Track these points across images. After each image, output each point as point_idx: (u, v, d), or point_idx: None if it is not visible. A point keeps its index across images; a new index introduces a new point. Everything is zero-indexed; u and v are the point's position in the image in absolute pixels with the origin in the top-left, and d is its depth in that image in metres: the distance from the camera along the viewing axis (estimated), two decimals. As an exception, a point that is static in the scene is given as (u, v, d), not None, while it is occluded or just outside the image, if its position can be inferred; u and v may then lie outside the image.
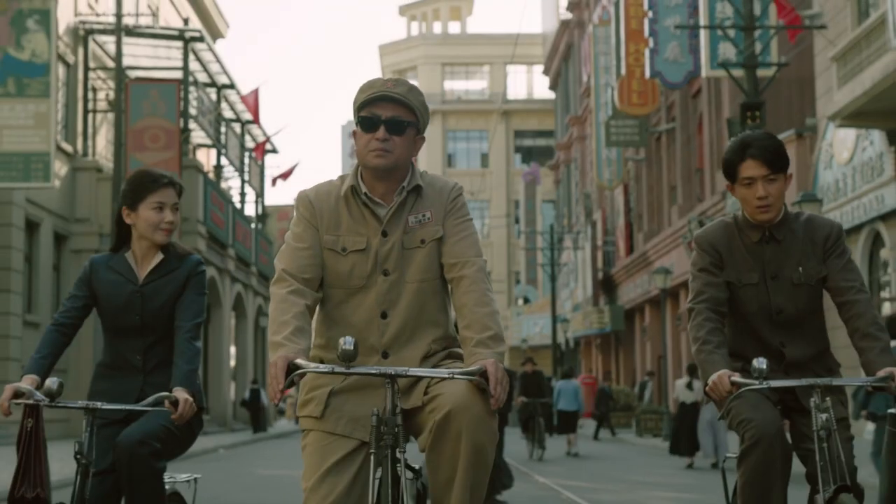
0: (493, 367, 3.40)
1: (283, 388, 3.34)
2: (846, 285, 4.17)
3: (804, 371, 4.20)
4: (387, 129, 3.60)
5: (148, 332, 4.46)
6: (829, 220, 4.30)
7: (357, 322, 3.67)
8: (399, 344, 3.67)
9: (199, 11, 37.49)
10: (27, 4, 16.66)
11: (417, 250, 3.69)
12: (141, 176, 4.53)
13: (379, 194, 3.68)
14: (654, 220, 36.00)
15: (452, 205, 3.74)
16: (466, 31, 69.43)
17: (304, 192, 3.77)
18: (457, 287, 3.65)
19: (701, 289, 4.20)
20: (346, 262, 3.67)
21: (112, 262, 4.53)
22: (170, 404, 4.15)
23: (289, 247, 3.70)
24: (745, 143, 4.17)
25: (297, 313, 3.55)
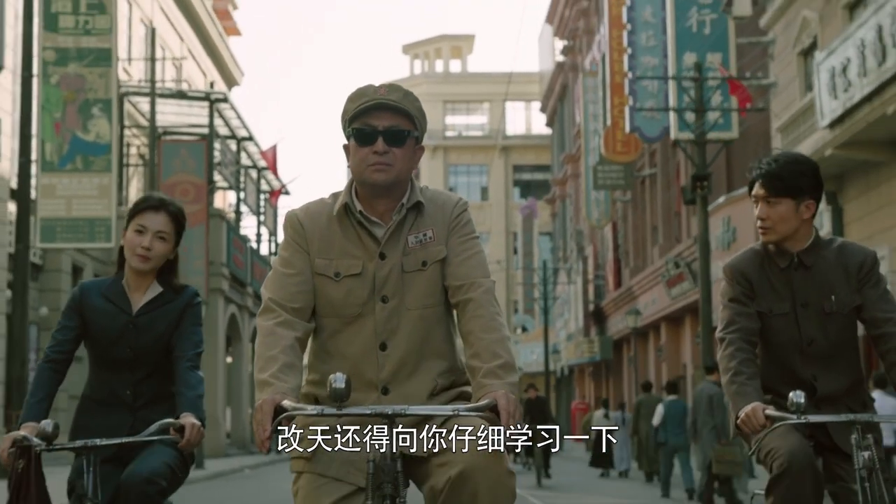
0: (505, 400, 3.05)
1: (269, 434, 3.06)
2: (883, 316, 4.02)
3: (837, 406, 4.04)
4: (385, 141, 3.31)
5: (139, 366, 4.26)
6: (862, 246, 4.18)
7: (353, 354, 3.36)
8: (400, 378, 3.35)
9: (217, 63, 40.43)
10: (92, 95, 19.63)
11: (419, 273, 3.38)
12: (137, 201, 4.39)
13: (376, 213, 3.39)
14: (639, 257, 38.75)
15: (456, 221, 3.43)
16: (467, 70, 72.33)
17: (292, 211, 3.48)
18: (462, 312, 3.34)
19: (732, 318, 4.07)
20: (341, 289, 3.36)
21: (105, 289, 4.34)
22: (175, 431, 4.00)
23: (276, 273, 3.40)
24: (760, 163, 4.16)
25: (285, 347, 3.24)
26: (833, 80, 17.60)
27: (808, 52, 21.69)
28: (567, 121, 55.48)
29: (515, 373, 3.23)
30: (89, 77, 19.64)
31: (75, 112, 19.50)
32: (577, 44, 51.41)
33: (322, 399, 3.32)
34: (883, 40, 15.70)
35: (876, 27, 15.93)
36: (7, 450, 4.01)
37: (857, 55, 16.62)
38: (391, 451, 3.05)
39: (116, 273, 4.37)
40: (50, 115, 19.47)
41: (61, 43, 19.65)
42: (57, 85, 19.58)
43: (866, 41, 16.26)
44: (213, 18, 38.53)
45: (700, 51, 24.99)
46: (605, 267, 44.94)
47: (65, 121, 19.47)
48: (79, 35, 19.77)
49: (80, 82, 19.58)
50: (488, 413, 3.05)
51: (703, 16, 24.99)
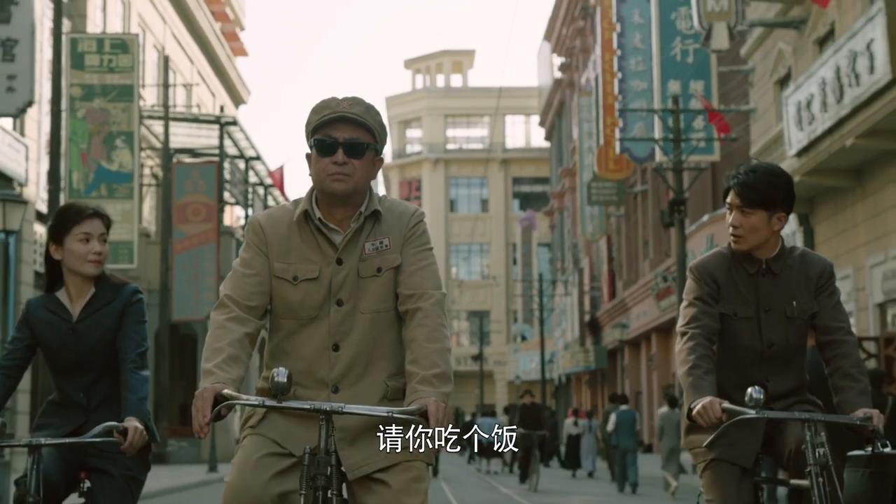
0: (434, 407, 3.20)
1: (208, 420, 3.18)
2: (835, 325, 4.19)
3: (784, 404, 4.19)
4: (345, 152, 3.43)
5: (87, 370, 4.37)
6: (822, 257, 4.32)
7: (307, 354, 3.48)
8: (351, 379, 3.48)
9: (224, 83, 41.91)
10: (115, 128, 21.15)
11: (373, 279, 3.50)
12: (65, 209, 4.45)
13: (334, 220, 3.51)
14: (632, 269, 40.17)
15: (412, 231, 3.55)
16: (468, 84, 73.67)
17: (254, 217, 3.63)
18: (410, 320, 3.46)
19: (696, 315, 4.15)
20: (298, 292, 3.48)
21: (47, 302, 4.46)
22: (118, 434, 4.10)
23: (235, 273, 3.52)
24: (738, 171, 4.22)
25: (232, 341, 3.38)
26: (799, 113, 19.05)
27: (784, 81, 23.13)
28: (564, 136, 56.84)
29: (450, 383, 3.35)
30: (113, 111, 21.19)
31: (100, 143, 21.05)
32: (573, 61, 52.80)
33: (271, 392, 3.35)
34: (840, 80, 17.14)
35: (835, 67, 17.38)
36: None
37: (819, 92, 18.07)
38: (326, 447, 3.21)
39: (47, 291, 4.48)
40: (77, 146, 21.00)
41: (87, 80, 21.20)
42: (83, 118, 21.11)
43: (827, 79, 17.71)
44: (222, 41, 40.02)
45: (683, 78, 26.49)
46: (600, 279, 46.35)
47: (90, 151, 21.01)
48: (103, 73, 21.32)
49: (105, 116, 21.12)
50: (418, 417, 3.19)
51: (686, 45, 26.47)
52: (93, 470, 4.30)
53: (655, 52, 26.97)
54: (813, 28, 21.13)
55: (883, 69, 15.68)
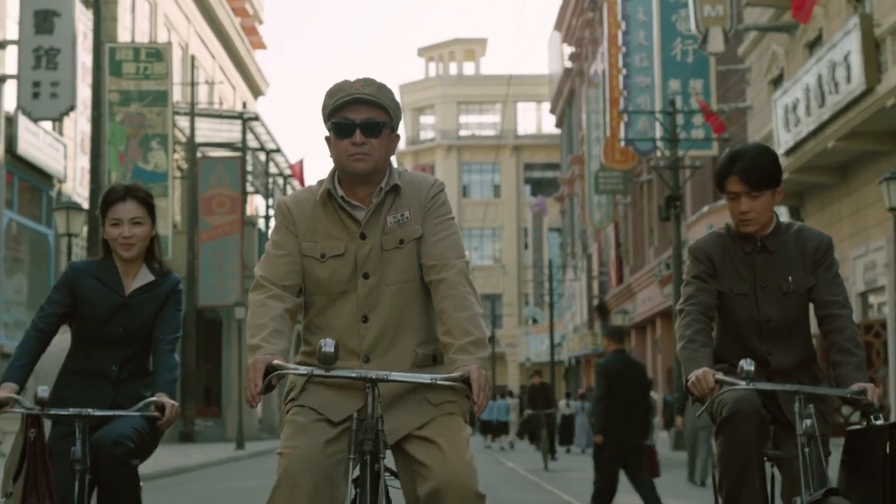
0: (476, 374, 3.28)
1: (260, 390, 3.31)
2: (831, 299, 4.24)
3: (788, 379, 4.22)
4: (362, 133, 3.52)
5: (128, 345, 4.44)
6: (819, 231, 4.36)
7: (339, 327, 3.58)
8: (381, 348, 3.57)
9: (244, 76, 43.36)
10: (151, 131, 22.70)
11: (396, 251, 3.58)
12: (105, 194, 4.51)
13: (357, 197, 3.61)
14: (638, 256, 41.54)
15: (432, 203, 3.63)
16: (480, 72, 74.77)
17: (281, 199, 3.72)
18: (435, 291, 3.55)
19: (693, 293, 4.27)
20: (326, 269, 3.58)
21: (96, 271, 4.50)
22: (156, 409, 4.24)
23: (268, 255, 3.62)
24: (733, 158, 4.24)
25: (274, 316, 3.49)
26: (787, 116, 20.43)
27: (777, 81, 24.46)
28: (574, 123, 57.93)
29: (486, 348, 3.43)
30: (148, 115, 22.74)
31: (137, 145, 22.59)
32: (583, 51, 53.96)
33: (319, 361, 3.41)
34: (822, 87, 18.52)
35: (817, 75, 18.75)
36: None
37: (804, 96, 19.45)
38: (374, 412, 3.30)
39: (104, 258, 4.53)
40: (115, 148, 22.54)
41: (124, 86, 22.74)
42: (121, 122, 22.67)
43: (810, 86, 19.09)
44: (242, 35, 41.46)
45: (683, 77, 27.85)
46: (608, 264, 47.72)
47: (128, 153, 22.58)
48: (139, 79, 22.85)
49: (141, 120, 22.66)
50: (461, 384, 3.28)
51: (686, 46, 27.81)
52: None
53: (657, 52, 28.32)
54: (803, 32, 22.45)
55: (858, 80, 17.06)
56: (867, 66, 16.84)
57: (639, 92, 32.52)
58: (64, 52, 20.13)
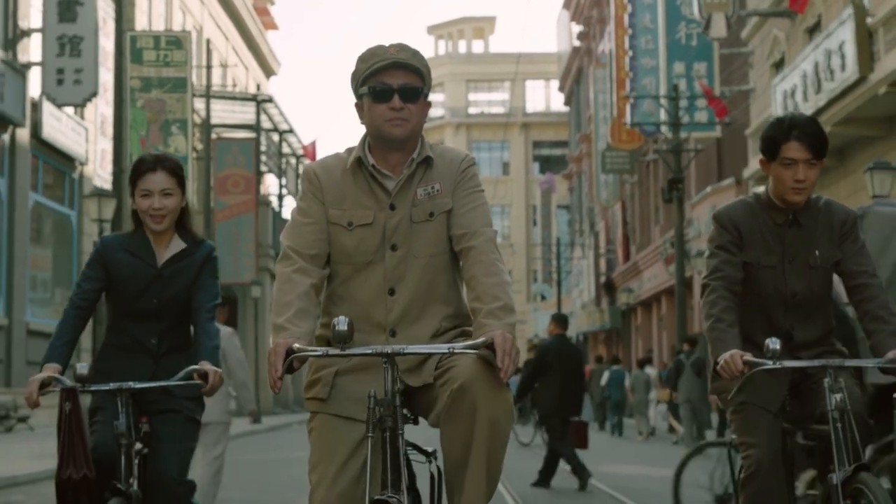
0: (501, 339, 3.18)
1: (280, 375, 3.23)
2: (859, 269, 4.19)
3: (811, 352, 4.23)
4: (401, 97, 3.44)
5: (164, 316, 4.41)
6: (845, 206, 4.31)
7: (364, 299, 3.52)
8: (407, 321, 3.51)
9: (256, 57, 44.05)
10: (171, 116, 23.50)
11: (426, 224, 3.52)
12: (134, 164, 4.46)
13: (388, 166, 3.52)
14: (644, 234, 42.26)
15: (462, 175, 3.57)
16: (489, 50, 75.34)
17: (309, 165, 3.64)
18: (465, 259, 3.48)
19: (718, 266, 4.17)
20: (353, 238, 3.52)
21: (127, 244, 4.45)
22: (199, 376, 4.20)
23: (294, 222, 3.56)
24: (792, 124, 4.13)
25: (300, 294, 3.42)
26: (785, 101, 21.09)
27: (779, 65, 25.11)
28: (583, 101, 58.45)
29: (514, 314, 3.36)
30: (169, 101, 23.52)
31: (157, 130, 23.38)
32: (591, 31, 54.47)
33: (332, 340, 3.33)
34: (818, 74, 19.18)
35: (814, 62, 19.42)
36: (36, 391, 4.14)
37: (801, 83, 20.11)
38: (392, 387, 3.22)
39: (136, 230, 4.48)
40: (136, 132, 23.33)
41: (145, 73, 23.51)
42: (142, 108, 23.44)
43: (807, 72, 19.75)
44: (254, 16, 42.12)
45: (688, 60, 28.51)
46: (615, 242, 48.43)
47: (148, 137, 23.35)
48: (160, 66, 23.63)
49: (161, 105, 23.44)
50: (484, 350, 3.20)
51: (690, 29, 28.44)
52: (154, 413, 4.38)
53: (662, 36, 28.96)
54: (803, 18, 23.08)
55: (852, 68, 17.73)
56: (860, 56, 17.50)
57: (644, 73, 33.15)
58: (87, 39, 20.85)
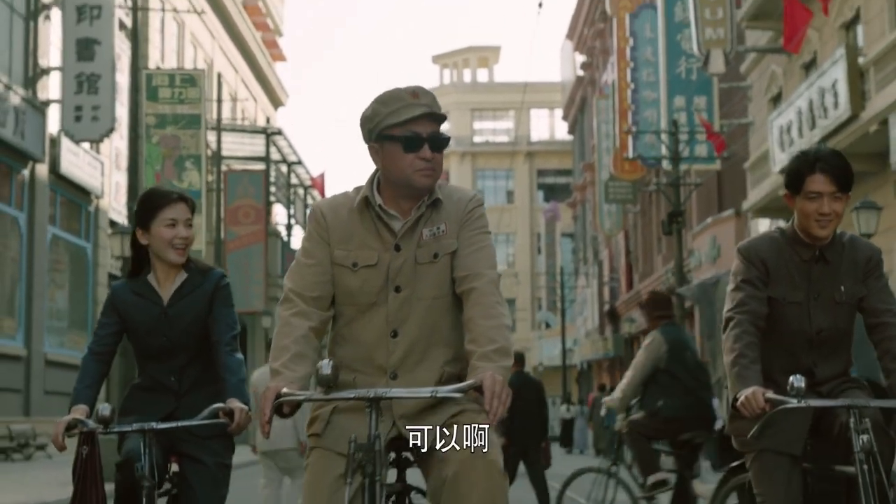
0: (491, 381, 3.14)
1: (269, 418, 3.26)
2: (883, 307, 4.14)
3: (831, 389, 4.17)
4: (430, 147, 3.44)
5: (179, 353, 4.36)
6: (870, 242, 4.27)
7: (367, 340, 3.49)
8: (409, 364, 3.48)
9: (265, 88, 44.80)
10: (185, 152, 24.21)
11: (430, 265, 3.49)
12: (150, 194, 4.42)
13: (397, 207, 3.51)
14: (647, 263, 42.81)
15: (469, 216, 3.54)
16: (494, 79, 76.08)
17: (317, 204, 3.63)
18: (466, 300, 3.45)
19: (743, 299, 4.09)
20: (357, 278, 3.49)
21: (134, 287, 4.42)
22: (224, 415, 4.10)
23: (298, 264, 3.55)
24: (816, 157, 4.07)
25: (297, 337, 3.41)
26: (781, 136, 21.71)
27: (776, 99, 25.75)
28: (586, 130, 59.05)
29: (510, 357, 3.31)
30: (183, 137, 24.23)
31: (172, 165, 24.08)
32: (594, 61, 55.16)
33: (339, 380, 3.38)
34: (813, 111, 19.80)
35: (808, 99, 20.04)
36: (62, 433, 4.12)
37: (797, 119, 20.73)
38: (374, 431, 3.19)
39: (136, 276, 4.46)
40: (152, 167, 24.02)
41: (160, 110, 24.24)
42: (157, 144, 24.15)
43: (802, 109, 20.37)
44: (263, 49, 42.90)
45: (688, 94, 29.16)
46: (618, 270, 48.99)
47: (163, 172, 24.04)
48: (174, 104, 24.36)
49: (176, 141, 24.15)
50: (472, 392, 3.16)
51: (690, 64, 29.08)
52: (183, 455, 4.34)
53: (662, 71, 29.61)
54: (799, 55, 23.72)
55: (844, 106, 18.34)
56: (852, 94, 18.12)
57: (646, 106, 33.81)
58: (104, 77, 21.54)
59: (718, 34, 25.31)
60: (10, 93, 19.76)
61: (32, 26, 21.51)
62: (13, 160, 20.59)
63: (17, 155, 20.59)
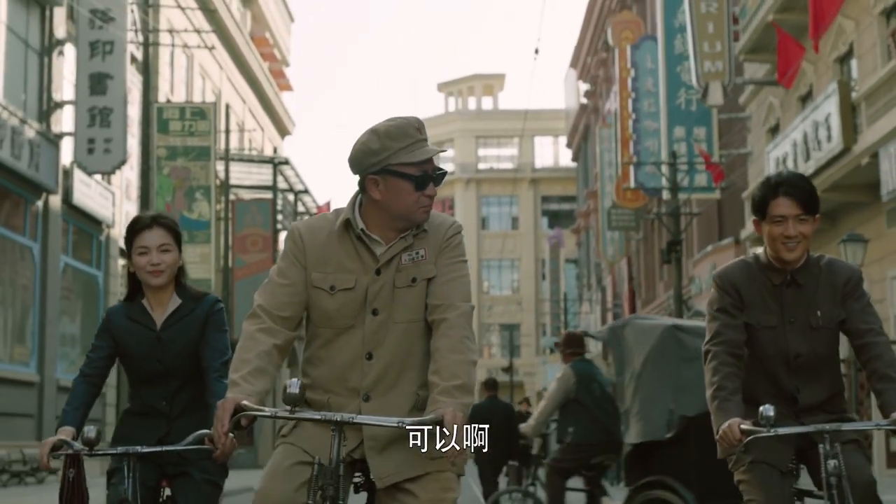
0: (451, 416, 3.16)
1: (227, 429, 3.24)
2: (865, 327, 4.11)
3: (817, 415, 4.14)
4: (434, 184, 3.48)
5: (171, 378, 4.39)
6: (849, 264, 4.24)
7: (341, 362, 3.50)
8: (383, 388, 3.49)
9: (272, 117, 45.43)
10: (195, 183, 24.80)
11: (408, 289, 3.50)
12: (130, 224, 4.48)
13: (380, 232, 3.52)
14: (650, 289, 43.25)
15: (447, 243, 3.56)
16: (498, 107, 76.63)
17: (295, 225, 3.63)
18: (436, 330, 3.45)
19: (719, 330, 4.11)
20: (335, 301, 3.49)
21: (128, 311, 4.47)
22: (209, 441, 4.02)
23: (271, 282, 3.54)
24: (778, 181, 4.12)
25: (260, 352, 3.42)
26: (778, 167, 22.20)
27: (774, 130, 26.27)
28: (590, 158, 59.63)
29: (471, 395, 3.32)
30: (193, 169, 24.83)
31: (182, 196, 24.66)
32: (598, 89, 55.80)
33: (311, 401, 3.46)
34: (807, 143, 20.31)
35: (803, 132, 20.55)
36: (47, 454, 4.15)
37: (792, 151, 21.24)
38: (337, 456, 3.22)
39: (134, 296, 4.50)
40: (163, 198, 24.60)
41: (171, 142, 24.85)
42: (168, 175, 24.74)
43: (797, 141, 20.88)
44: (270, 79, 43.54)
45: (688, 124, 29.69)
46: (621, 297, 49.40)
47: (174, 203, 24.62)
48: (185, 136, 24.97)
49: (186, 173, 24.74)
50: (431, 427, 3.16)
51: (690, 95, 29.63)
52: (173, 477, 4.37)
53: (662, 102, 30.17)
54: (796, 87, 24.24)
55: (837, 139, 18.86)
56: (844, 128, 18.63)
57: (647, 136, 34.38)
58: (116, 111, 22.10)
59: (717, 67, 25.86)
60: (25, 126, 20.30)
61: (47, 61, 22.07)
62: (27, 192, 21.12)
63: (32, 187, 21.11)
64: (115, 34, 22.14)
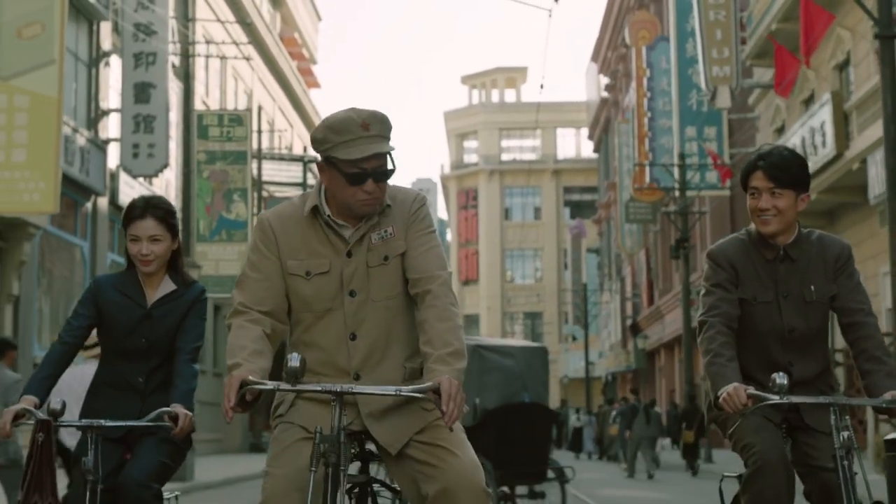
0: (447, 384, 3.25)
1: (233, 404, 3.29)
2: (855, 307, 4.13)
3: (809, 389, 4.16)
4: (374, 181, 3.49)
5: (153, 355, 4.43)
6: (839, 239, 4.26)
7: (326, 345, 3.57)
8: (371, 365, 3.56)
9: (300, 114, 46.98)
10: (233, 185, 26.40)
11: (382, 268, 3.56)
12: (126, 209, 4.49)
13: (345, 218, 3.58)
14: (667, 280, 44.59)
15: (414, 217, 3.61)
16: (521, 99, 77.83)
17: (264, 214, 3.66)
18: (420, 302, 3.52)
19: (714, 303, 4.13)
20: (311, 286, 3.55)
21: (119, 284, 4.49)
22: (169, 419, 4.16)
23: (246, 277, 3.59)
24: (760, 156, 4.14)
25: (254, 337, 3.47)
26: (780, 169, 23.53)
27: (781, 130, 27.55)
28: (611, 150, 60.68)
29: (464, 360, 3.40)
30: (231, 172, 26.44)
31: (221, 198, 26.26)
32: (618, 83, 56.97)
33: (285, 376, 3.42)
34: (805, 148, 21.65)
35: (801, 137, 21.90)
36: (9, 422, 4.16)
37: (792, 154, 22.55)
38: (339, 424, 3.31)
39: (128, 270, 4.52)
40: (202, 200, 26.20)
41: (210, 147, 26.46)
42: (207, 178, 26.36)
43: (796, 146, 22.22)
44: (298, 78, 45.06)
45: (698, 124, 31.02)
46: (640, 287, 50.75)
47: (213, 204, 26.23)
48: (223, 141, 26.57)
49: (224, 176, 26.36)
50: (430, 394, 3.27)
51: (700, 97, 30.95)
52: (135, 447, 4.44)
53: (675, 103, 31.51)
54: (799, 91, 25.54)
55: (830, 146, 20.20)
56: (837, 135, 19.97)
57: (662, 133, 35.73)
58: (159, 118, 23.67)
59: (724, 72, 27.18)
60: (77, 134, 21.88)
61: (94, 72, 23.63)
62: (78, 195, 22.70)
63: (82, 190, 22.69)
64: (158, 46, 23.67)
